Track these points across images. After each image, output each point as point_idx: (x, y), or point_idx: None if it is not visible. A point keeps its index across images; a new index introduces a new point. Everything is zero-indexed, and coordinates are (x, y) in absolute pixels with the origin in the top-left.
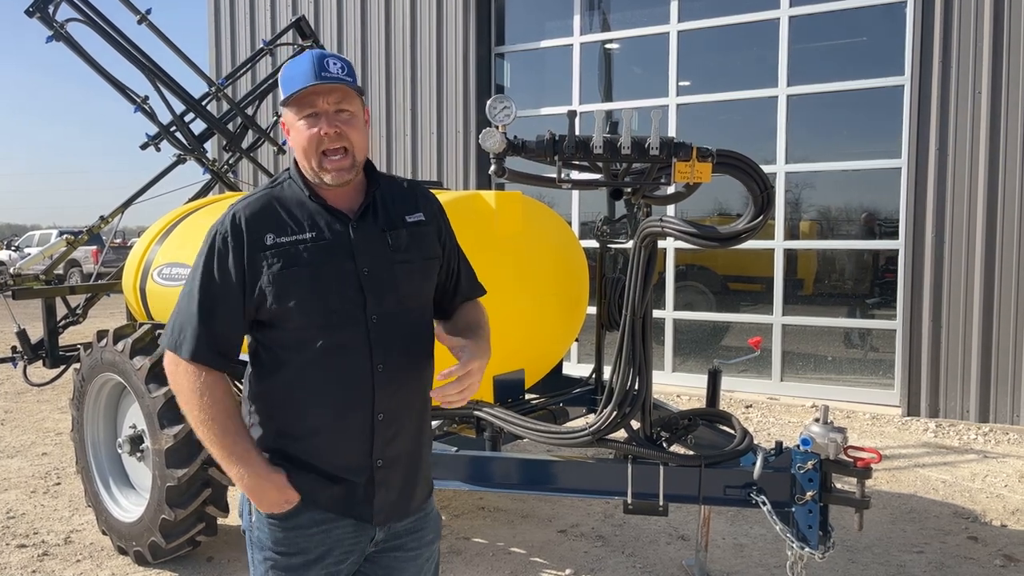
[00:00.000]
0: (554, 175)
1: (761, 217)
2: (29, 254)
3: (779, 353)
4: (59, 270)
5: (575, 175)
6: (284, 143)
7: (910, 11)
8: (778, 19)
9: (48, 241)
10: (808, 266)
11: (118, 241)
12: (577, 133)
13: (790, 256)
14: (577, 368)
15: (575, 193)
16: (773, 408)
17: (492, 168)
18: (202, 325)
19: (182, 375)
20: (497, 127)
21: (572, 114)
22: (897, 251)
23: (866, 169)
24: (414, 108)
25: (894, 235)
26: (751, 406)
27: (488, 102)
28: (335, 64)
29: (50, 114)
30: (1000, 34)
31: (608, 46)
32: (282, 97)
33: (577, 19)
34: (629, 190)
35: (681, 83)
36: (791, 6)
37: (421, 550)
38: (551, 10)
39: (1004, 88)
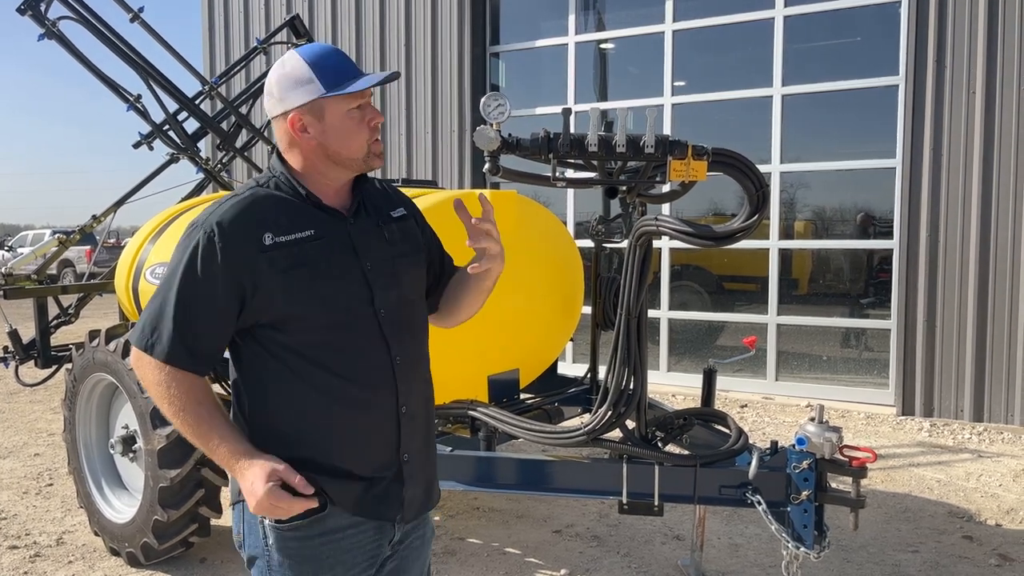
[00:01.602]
0: (548, 173)
1: (756, 216)
2: (22, 254)
3: (774, 353)
4: (52, 270)
5: (570, 174)
6: (251, 142)
7: (904, 11)
8: (773, 19)
9: (41, 241)
10: (803, 266)
11: (111, 241)
12: (572, 131)
13: (785, 256)
14: (572, 368)
15: (570, 192)
16: (768, 407)
17: (487, 166)
18: (180, 329)
19: (146, 367)
20: (491, 124)
21: (567, 112)
22: (891, 251)
23: (861, 169)
24: (409, 107)
25: (888, 235)
26: (746, 406)
27: (482, 99)
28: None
29: (50, 114)
30: (994, 34)
31: (603, 46)
32: (322, 90)
33: (572, 18)
34: (624, 188)
35: (676, 83)
36: (786, 6)
37: (423, 548)
38: (546, 10)
39: (998, 88)
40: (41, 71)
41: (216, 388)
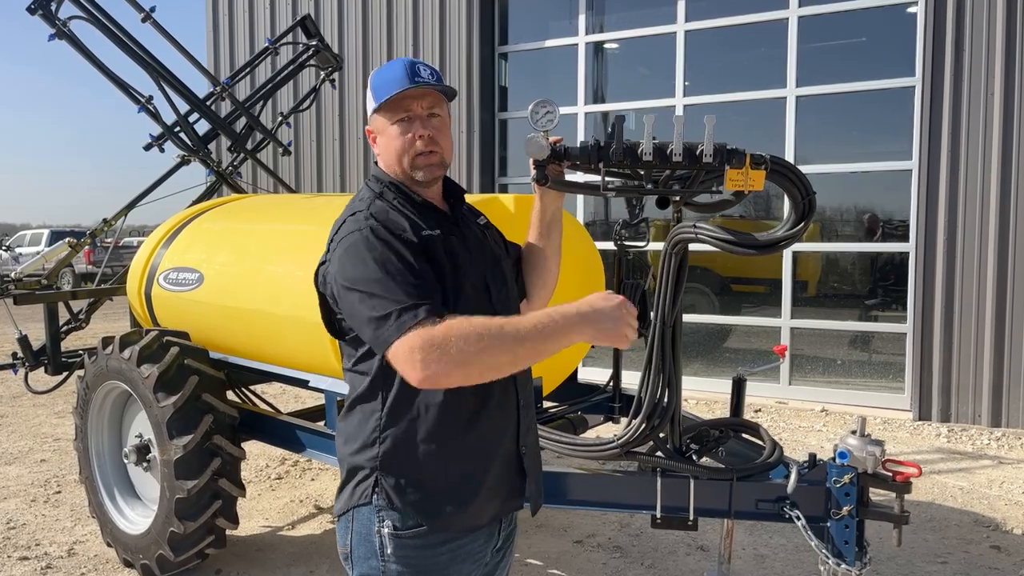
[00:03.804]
0: (587, 181)
1: (802, 224)
2: (21, 254)
3: (787, 356)
4: (40, 269)
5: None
6: (289, 143)
7: (921, 11)
8: (787, 19)
9: (40, 241)
10: (817, 268)
11: (109, 241)
12: (581, 137)
13: (798, 258)
14: (582, 371)
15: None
16: (782, 412)
17: (533, 175)
18: (416, 289)
19: (435, 346)
20: (540, 132)
21: (620, 119)
22: (908, 253)
23: (876, 171)
24: None
25: (902, 237)
26: (760, 410)
27: (530, 106)
28: (426, 70)
29: (42, 112)
30: (1012, 35)
31: (614, 46)
32: (374, 104)
33: (582, 19)
34: (678, 198)
35: (688, 83)
36: (800, 6)
37: (511, 550)
38: (555, 9)
39: (1017, 89)
40: (34, 67)
41: (230, 395)
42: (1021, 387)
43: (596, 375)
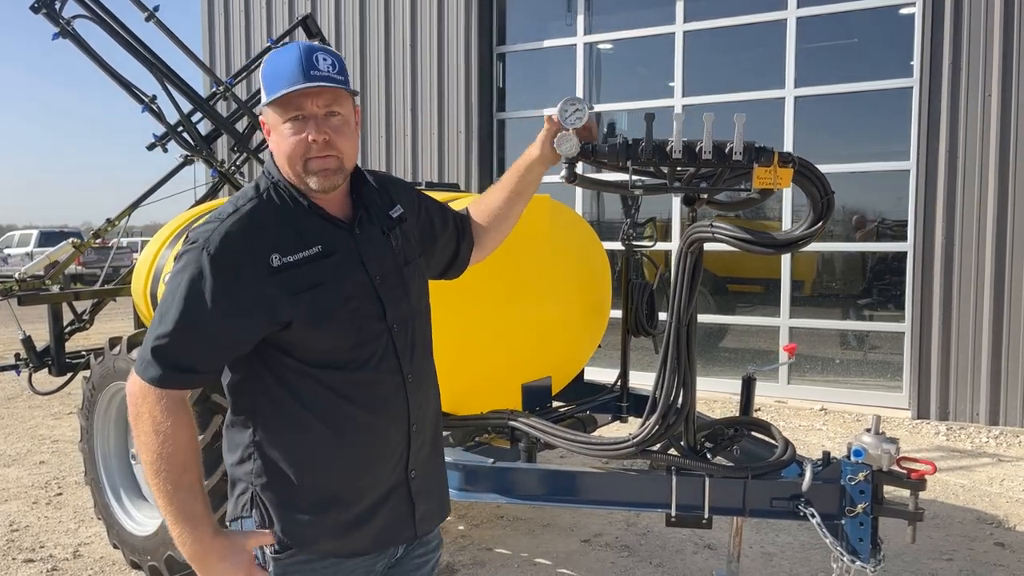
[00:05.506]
0: (611, 179)
1: (821, 223)
2: (10, 255)
3: (786, 356)
4: (40, 271)
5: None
6: (264, 144)
7: (919, 13)
8: (785, 20)
9: (29, 242)
10: (814, 268)
11: (98, 241)
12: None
13: (797, 258)
14: (588, 371)
15: (578, 193)
16: (782, 411)
17: (563, 174)
18: (181, 352)
19: (146, 412)
20: (569, 130)
21: (650, 117)
22: (906, 253)
23: (874, 171)
24: (414, 108)
25: (902, 237)
26: (759, 409)
27: (559, 104)
28: (325, 61)
29: (29, 112)
30: (1010, 36)
31: (612, 47)
32: (264, 97)
33: (580, 19)
34: (705, 196)
35: (686, 84)
36: (799, 7)
37: (428, 556)
38: (554, 10)
39: (1014, 90)
40: (22, 70)
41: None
42: (1019, 385)
43: (603, 375)
